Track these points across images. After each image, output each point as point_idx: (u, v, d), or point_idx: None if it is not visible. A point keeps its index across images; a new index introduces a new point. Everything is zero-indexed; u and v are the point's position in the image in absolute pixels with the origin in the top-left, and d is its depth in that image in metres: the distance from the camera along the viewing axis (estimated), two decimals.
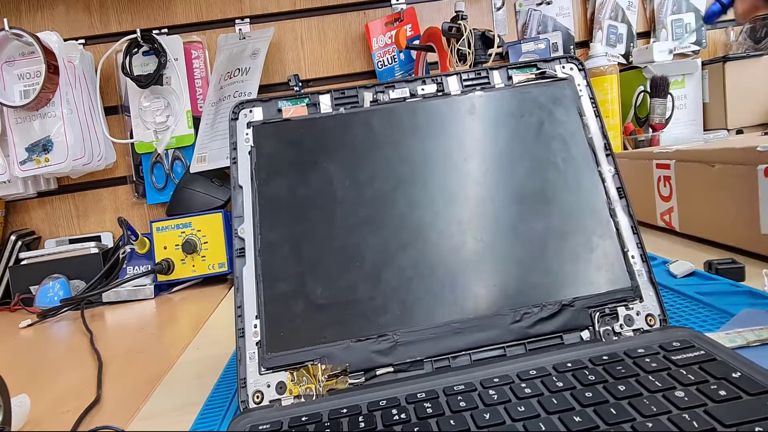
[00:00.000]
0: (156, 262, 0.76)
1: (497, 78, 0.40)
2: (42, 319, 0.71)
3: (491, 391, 0.28)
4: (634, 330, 0.34)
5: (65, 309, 0.74)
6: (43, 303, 0.77)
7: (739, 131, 0.94)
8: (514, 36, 1.05)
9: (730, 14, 0.31)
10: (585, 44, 1.06)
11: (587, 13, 1.06)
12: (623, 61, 1.05)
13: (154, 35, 0.93)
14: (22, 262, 0.84)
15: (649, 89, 0.94)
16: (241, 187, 0.37)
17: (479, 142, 0.38)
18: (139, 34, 0.92)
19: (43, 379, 0.49)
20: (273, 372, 0.32)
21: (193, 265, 0.77)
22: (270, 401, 0.32)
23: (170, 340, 0.56)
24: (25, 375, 0.51)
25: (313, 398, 0.32)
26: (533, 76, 0.40)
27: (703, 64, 0.97)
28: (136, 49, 0.93)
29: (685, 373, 0.27)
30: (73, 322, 0.69)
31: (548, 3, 1.04)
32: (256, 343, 0.33)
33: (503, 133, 0.38)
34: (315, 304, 0.34)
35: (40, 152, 0.85)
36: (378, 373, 0.32)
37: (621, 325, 0.34)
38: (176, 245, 0.77)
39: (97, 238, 0.96)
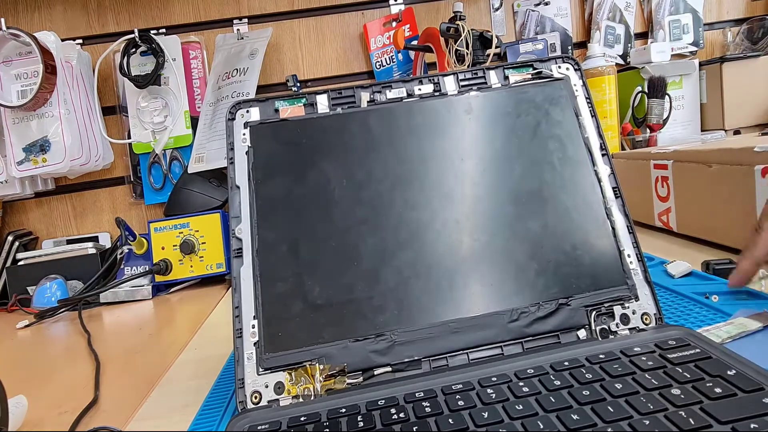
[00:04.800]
0: (154, 262, 0.76)
1: (494, 78, 0.40)
2: (39, 320, 0.71)
3: (489, 390, 0.28)
4: (630, 329, 0.34)
5: (63, 309, 0.73)
6: (41, 303, 0.76)
7: (737, 132, 0.94)
8: (512, 36, 1.06)
9: None
10: (583, 45, 1.06)
11: (585, 13, 1.06)
12: (621, 61, 1.05)
13: (152, 35, 0.93)
14: (20, 263, 0.84)
15: (646, 90, 0.94)
16: (238, 187, 0.37)
17: (476, 142, 0.38)
18: (136, 34, 0.92)
19: (41, 380, 0.49)
20: (271, 372, 0.32)
21: (191, 266, 0.77)
22: (268, 401, 0.32)
23: (168, 340, 0.56)
24: (22, 376, 0.51)
25: (312, 398, 0.32)
26: (530, 76, 0.40)
27: (701, 64, 0.97)
28: (133, 49, 0.93)
29: (681, 371, 0.27)
30: (71, 322, 0.69)
31: (546, 3, 1.04)
32: (254, 344, 0.33)
33: (500, 133, 0.38)
34: (313, 305, 0.34)
35: (37, 152, 0.85)
36: (376, 372, 0.32)
37: (617, 323, 0.34)
38: (174, 246, 0.77)
39: (95, 239, 0.96)
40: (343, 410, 0.29)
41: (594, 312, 0.34)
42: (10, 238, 0.89)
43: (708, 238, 0.58)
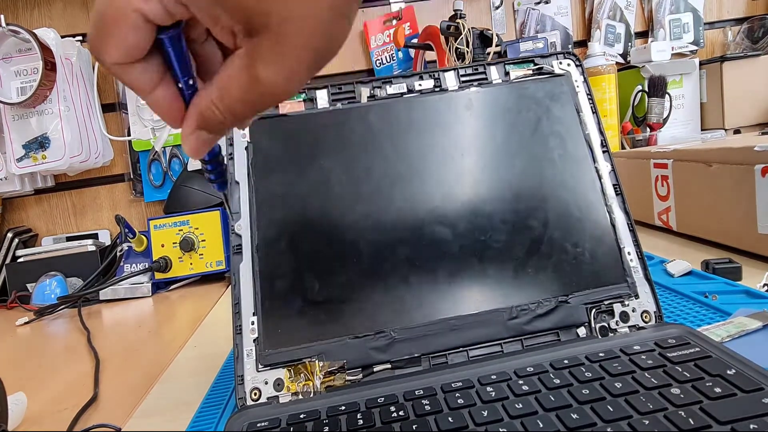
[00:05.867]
0: (153, 260, 0.76)
1: (494, 74, 0.40)
2: (39, 317, 0.71)
3: (489, 388, 0.28)
4: (629, 326, 0.34)
5: (62, 307, 0.73)
6: (40, 301, 0.76)
7: (737, 131, 0.94)
8: (513, 35, 1.05)
9: None
10: (583, 43, 1.06)
11: (585, 12, 1.06)
12: (621, 60, 1.05)
13: None
14: (19, 260, 0.84)
15: (647, 89, 0.94)
16: (237, 183, 0.37)
17: (476, 138, 0.38)
18: None
19: (40, 378, 0.49)
20: (270, 369, 0.32)
21: (191, 263, 0.77)
22: (268, 398, 0.32)
23: (168, 338, 0.56)
24: (22, 373, 0.51)
25: (311, 395, 0.32)
26: (530, 72, 0.40)
27: (701, 63, 0.97)
28: None
29: (680, 370, 0.27)
30: (71, 320, 0.69)
31: (546, 2, 1.04)
32: (254, 340, 0.33)
33: (500, 128, 0.38)
34: (312, 301, 0.34)
35: (37, 149, 0.85)
36: (375, 369, 0.32)
37: (617, 321, 0.34)
38: (174, 243, 0.77)
39: (95, 236, 0.96)
40: (343, 408, 0.29)
41: (594, 310, 0.34)
42: (9, 235, 0.89)
43: (708, 237, 0.58)
